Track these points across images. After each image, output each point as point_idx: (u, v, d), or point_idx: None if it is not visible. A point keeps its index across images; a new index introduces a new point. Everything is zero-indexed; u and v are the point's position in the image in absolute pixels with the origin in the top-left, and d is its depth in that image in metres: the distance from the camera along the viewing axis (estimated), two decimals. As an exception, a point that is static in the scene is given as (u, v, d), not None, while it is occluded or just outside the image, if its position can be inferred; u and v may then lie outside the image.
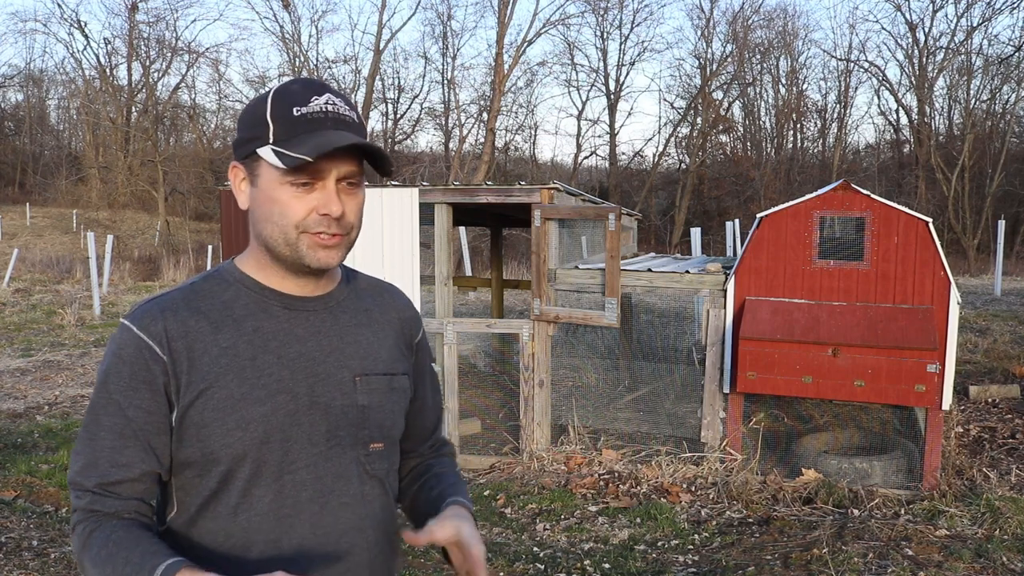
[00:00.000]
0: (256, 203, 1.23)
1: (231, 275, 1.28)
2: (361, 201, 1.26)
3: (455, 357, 6.07)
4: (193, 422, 1.19)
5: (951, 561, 3.99)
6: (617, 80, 32.81)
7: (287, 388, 1.22)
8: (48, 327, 12.65)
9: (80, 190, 33.06)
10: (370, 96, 29.79)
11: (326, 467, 1.25)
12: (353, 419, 1.28)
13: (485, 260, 18.65)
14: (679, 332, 10.07)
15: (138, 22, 31.91)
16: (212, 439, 1.19)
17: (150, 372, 1.18)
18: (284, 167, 1.16)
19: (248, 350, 1.22)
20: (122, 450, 1.18)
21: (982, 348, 8.97)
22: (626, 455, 5.84)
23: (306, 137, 1.17)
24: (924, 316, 5.10)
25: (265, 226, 1.22)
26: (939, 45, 28.07)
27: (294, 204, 1.20)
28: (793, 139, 32.90)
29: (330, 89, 1.23)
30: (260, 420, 1.20)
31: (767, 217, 5.54)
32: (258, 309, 1.25)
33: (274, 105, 1.20)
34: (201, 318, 1.22)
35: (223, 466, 1.20)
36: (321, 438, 1.25)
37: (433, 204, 6.00)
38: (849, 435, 6.13)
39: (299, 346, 1.25)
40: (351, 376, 1.28)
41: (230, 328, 1.22)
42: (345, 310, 1.33)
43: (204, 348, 1.20)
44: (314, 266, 1.22)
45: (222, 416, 1.18)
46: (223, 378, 1.19)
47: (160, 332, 1.19)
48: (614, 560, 4.29)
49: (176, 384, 1.19)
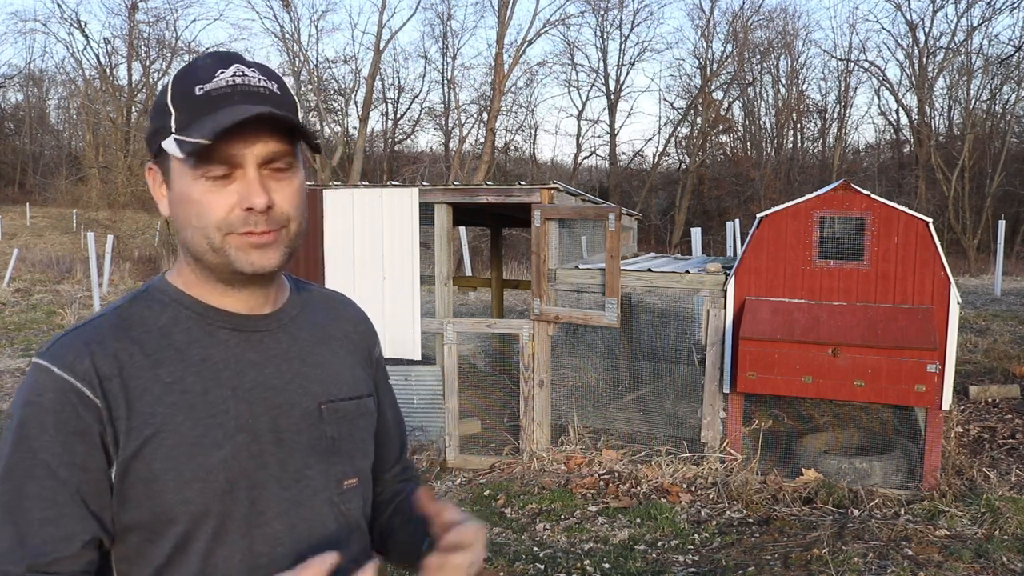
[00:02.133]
0: (173, 207, 1.03)
1: (165, 294, 1.08)
2: (297, 186, 1.05)
3: (455, 357, 6.07)
4: (140, 477, 0.98)
5: (951, 561, 3.99)
6: (617, 80, 32.86)
7: (247, 425, 1.03)
8: (48, 327, 12.65)
9: (80, 190, 33.06)
10: (370, 96, 29.78)
11: (299, 514, 1.06)
12: (323, 454, 1.09)
13: (485, 260, 18.65)
14: (679, 332, 10.07)
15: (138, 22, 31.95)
16: (165, 495, 0.98)
17: (81, 421, 0.96)
18: (182, 156, 0.97)
19: (197, 384, 1.02)
20: (56, 521, 0.95)
21: (982, 348, 8.98)
22: (626, 455, 5.84)
23: (207, 118, 0.97)
24: (924, 316, 5.10)
25: (186, 232, 1.02)
26: (939, 45, 28.11)
27: (212, 201, 0.99)
28: (793, 139, 32.94)
29: (241, 59, 1.04)
30: (220, 466, 1.00)
31: (767, 217, 5.54)
32: (203, 334, 1.05)
33: (175, 87, 1.01)
34: (135, 350, 1.01)
35: (179, 527, 0.99)
36: (291, 480, 1.06)
37: (433, 204, 6.00)
38: (849, 435, 6.14)
39: (255, 374, 1.06)
40: (315, 404, 1.10)
41: (172, 359, 1.02)
42: (300, 327, 1.14)
43: (144, 386, 0.99)
44: (248, 271, 1.02)
45: (176, 466, 0.98)
46: (171, 420, 0.99)
47: (88, 370, 0.98)
48: (614, 560, 4.29)
49: (114, 432, 0.97)
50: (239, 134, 0.98)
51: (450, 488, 5.58)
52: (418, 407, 6.20)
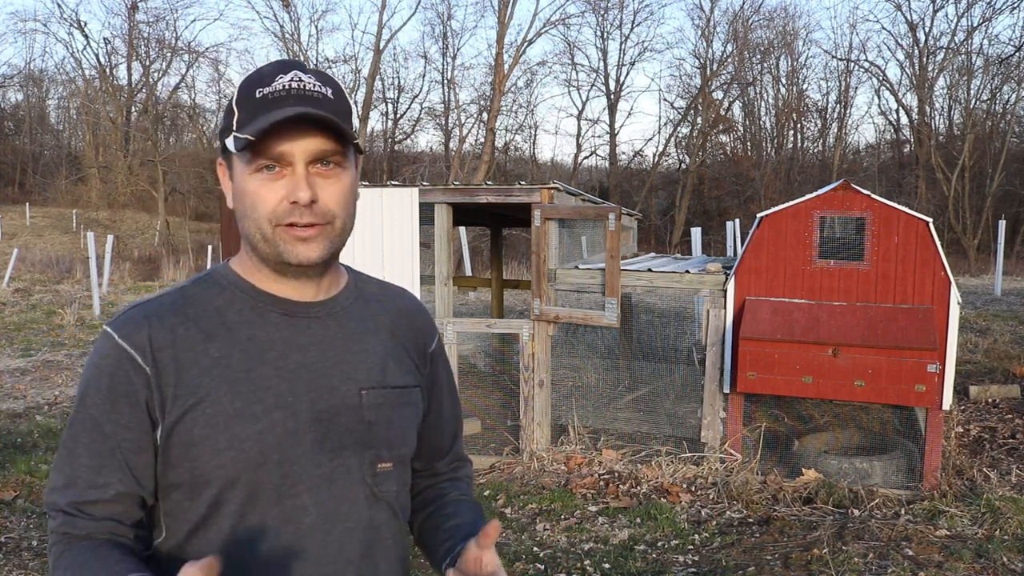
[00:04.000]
0: (235, 199, 1.13)
1: (225, 278, 1.17)
2: (346, 186, 1.12)
3: (455, 357, 6.06)
4: (181, 440, 1.07)
5: (951, 561, 3.99)
6: (617, 80, 32.85)
7: (285, 403, 1.11)
8: (48, 327, 12.65)
9: (80, 190, 33.07)
10: (370, 96, 29.79)
11: (330, 490, 1.13)
12: (359, 436, 1.15)
13: (485, 260, 18.64)
14: (679, 332, 10.06)
15: (138, 22, 31.92)
16: (202, 459, 1.07)
17: (131, 385, 1.07)
18: (235, 151, 1.08)
19: (243, 361, 1.10)
20: (99, 470, 1.08)
21: (982, 348, 8.97)
22: (626, 455, 5.84)
23: (261, 117, 1.05)
24: (924, 316, 5.10)
25: (243, 222, 1.11)
26: (939, 45, 28.10)
27: (264, 194, 1.08)
28: (793, 139, 32.93)
29: (301, 66, 1.12)
30: (255, 439, 1.08)
31: (767, 217, 5.54)
32: (254, 316, 1.14)
33: (241, 90, 1.10)
34: (191, 325, 1.10)
35: (214, 489, 1.08)
36: (324, 458, 1.12)
37: (433, 204, 6.00)
38: (849, 435, 6.13)
39: (299, 356, 1.13)
40: (356, 389, 1.16)
41: (223, 337, 1.11)
42: (351, 317, 1.20)
43: (193, 359, 1.08)
44: (293, 262, 1.10)
45: (213, 434, 1.07)
46: (214, 392, 1.08)
47: (143, 341, 1.08)
48: (614, 560, 4.29)
49: (161, 399, 1.07)
50: (289, 132, 1.06)
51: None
52: (418, 407, 6.19)
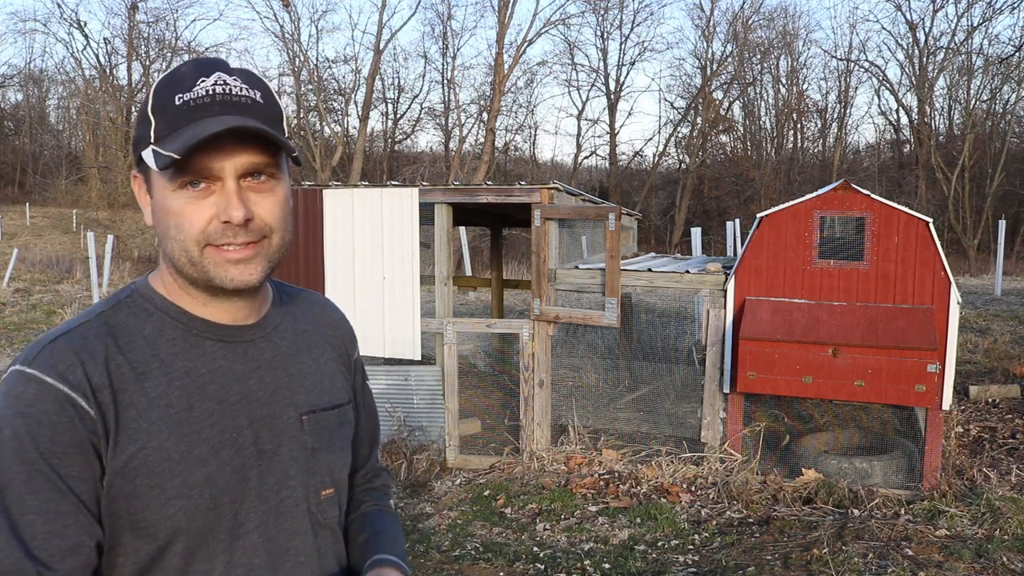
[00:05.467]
0: (155, 216, 1.02)
1: (150, 302, 1.05)
2: (281, 198, 1.03)
3: (455, 357, 6.06)
4: (122, 492, 0.96)
5: (951, 561, 3.99)
6: (617, 80, 32.85)
7: (231, 440, 1.02)
8: (48, 327, 12.65)
9: (80, 190, 33.07)
10: (370, 96, 29.77)
11: (278, 525, 1.07)
12: (302, 466, 1.10)
13: (485, 260, 18.64)
14: (679, 332, 10.06)
15: (138, 22, 31.92)
16: (147, 510, 0.97)
17: (77, 432, 0.94)
18: (157, 169, 0.96)
19: (182, 398, 1.00)
20: (62, 532, 0.92)
21: (982, 348, 8.97)
22: (626, 455, 5.84)
23: (184, 130, 0.96)
24: (924, 316, 5.10)
25: (167, 243, 1.00)
26: (939, 45, 28.10)
27: (190, 213, 0.98)
28: (793, 139, 32.93)
29: (224, 66, 1.01)
30: (205, 483, 0.99)
31: (767, 217, 5.54)
32: (188, 345, 1.04)
33: (156, 96, 0.99)
34: (122, 360, 0.99)
35: (159, 540, 0.99)
36: (271, 492, 1.06)
37: (433, 204, 6.00)
38: (849, 435, 6.13)
39: (239, 387, 1.05)
40: (297, 416, 1.10)
41: (157, 372, 1.00)
42: (284, 336, 1.13)
43: (129, 400, 0.97)
44: (228, 287, 1.01)
45: (160, 483, 0.97)
46: (156, 436, 0.97)
47: (82, 381, 0.95)
48: (614, 560, 4.29)
49: (106, 443, 0.95)
50: (217, 145, 0.96)
51: (450, 488, 5.58)
52: (418, 407, 6.20)
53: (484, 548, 4.54)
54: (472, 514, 5.09)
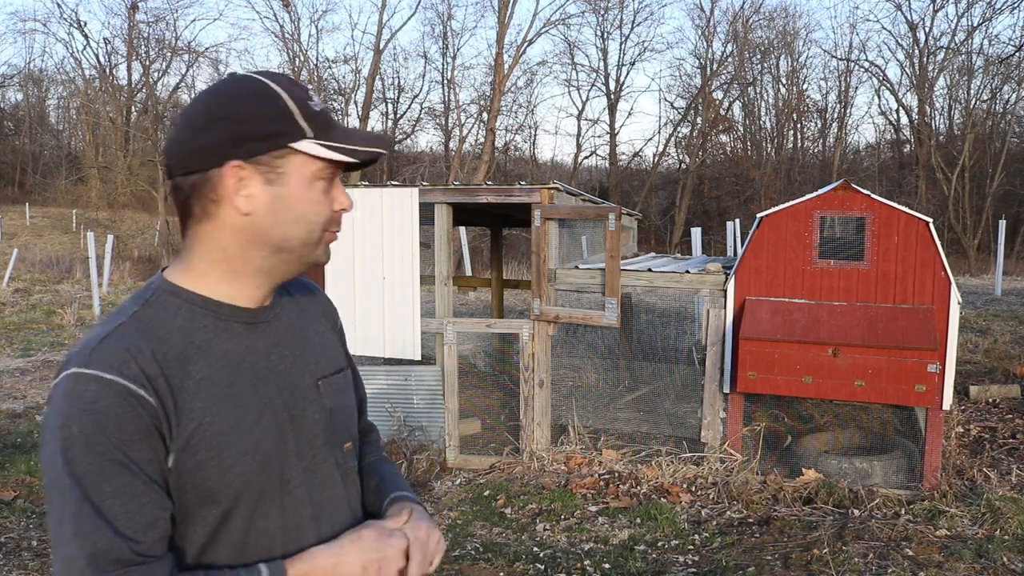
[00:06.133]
0: (280, 204, 1.13)
1: (176, 296, 1.15)
2: None
3: (455, 357, 6.06)
4: (187, 467, 1.08)
5: (951, 561, 3.99)
6: (617, 80, 32.83)
7: (268, 408, 1.16)
8: (48, 327, 12.65)
9: (80, 190, 33.05)
10: (370, 96, 29.77)
11: (314, 479, 1.22)
12: (325, 425, 1.25)
13: (485, 260, 18.64)
14: (679, 332, 10.06)
15: (138, 22, 31.85)
16: (210, 480, 1.09)
17: (141, 420, 1.04)
18: (333, 158, 1.14)
19: (224, 377, 1.13)
20: (140, 511, 1.03)
21: (982, 348, 8.97)
22: (626, 455, 5.84)
23: (339, 134, 1.15)
24: (924, 316, 5.10)
25: (291, 227, 1.14)
26: (939, 45, 28.07)
27: (322, 201, 1.16)
28: (793, 139, 32.91)
29: None
30: (255, 449, 1.13)
31: (767, 217, 5.54)
32: (219, 330, 1.16)
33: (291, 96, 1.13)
34: (167, 349, 1.10)
35: (224, 506, 1.12)
36: (305, 451, 1.21)
37: (433, 204, 5.99)
38: (849, 435, 6.13)
39: (265, 361, 1.19)
40: (313, 382, 1.25)
41: (197, 357, 1.12)
42: (289, 313, 1.28)
43: (180, 384, 1.08)
44: (321, 262, 1.22)
45: (218, 454, 1.09)
46: (208, 413, 1.10)
47: (138, 373, 1.05)
48: (614, 560, 4.29)
49: (169, 429, 1.07)
50: None
51: (450, 488, 5.57)
52: (418, 407, 6.20)
53: (484, 548, 4.54)
54: (472, 514, 5.09)
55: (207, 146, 1.10)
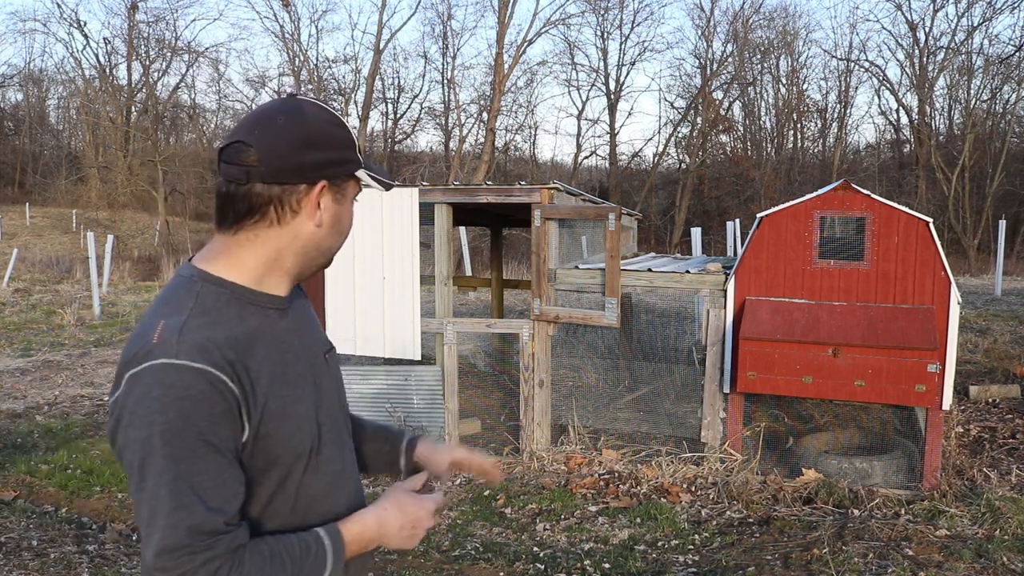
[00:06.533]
0: (336, 219, 1.35)
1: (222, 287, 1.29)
2: None
3: (455, 357, 6.06)
4: (260, 439, 1.24)
5: (951, 561, 3.99)
6: (617, 80, 32.81)
7: (305, 380, 1.34)
8: (48, 327, 12.64)
9: (80, 190, 33.04)
10: (370, 96, 29.77)
11: (336, 439, 1.41)
12: (335, 392, 1.45)
13: (485, 260, 18.64)
14: (679, 332, 10.06)
15: (138, 22, 31.87)
16: (278, 447, 1.27)
17: (226, 403, 1.19)
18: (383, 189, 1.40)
19: (277, 356, 1.29)
20: (226, 484, 1.19)
21: (982, 348, 8.97)
22: (626, 455, 5.84)
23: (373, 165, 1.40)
24: (924, 316, 5.10)
25: (336, 239, 1.37)
26: (940, 45, 28.06)
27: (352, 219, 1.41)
28: (793, 139, 32.90)
29: None
30: (307, 416, 1.32)
31: (767, 217, 5.54)
32: (262, 317, 1.31)
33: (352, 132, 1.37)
34: (235, 338, 1.24)
35: (286, 468, 1.29)
36: (326, 416, 1.39)
37: (433, 204, 5.99)
38: (849, 435, 6.13)
39: (295, 339, 1.36)
40: (323, 356, 1.43)
41: (257, 342, 1.27)
42: (295, 300, 1.43)
43: (249, 367, 1.23)
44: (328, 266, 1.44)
45: (283, 424, 1.27)
46: (273, 389, 1.26)
47: (220, 361, 1.19)
48: (614, 560, 4.29)
49: (247, 409, 1.22)
50: None
51: (450, 488, 5.58)
52: (418, 407, 6.20)
53: (484, 548, 4.54)
54: (472, 514, 5.09)
55: (305, 165, 1.27)
